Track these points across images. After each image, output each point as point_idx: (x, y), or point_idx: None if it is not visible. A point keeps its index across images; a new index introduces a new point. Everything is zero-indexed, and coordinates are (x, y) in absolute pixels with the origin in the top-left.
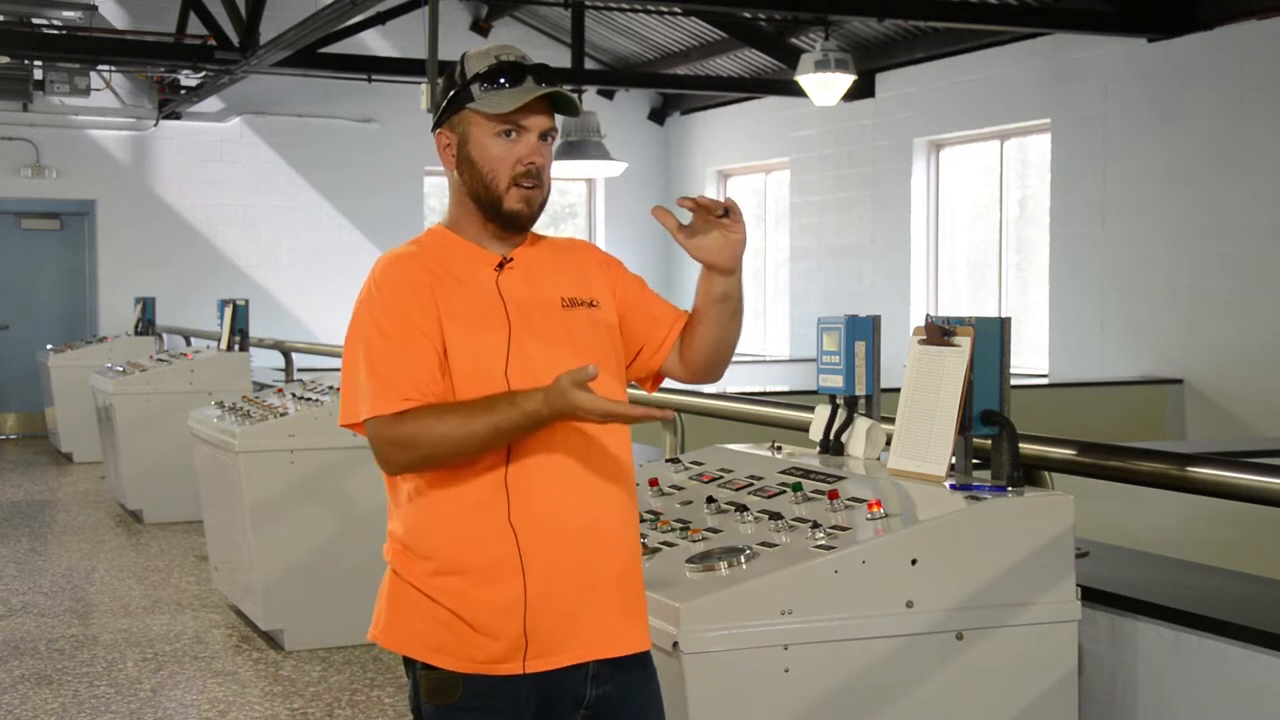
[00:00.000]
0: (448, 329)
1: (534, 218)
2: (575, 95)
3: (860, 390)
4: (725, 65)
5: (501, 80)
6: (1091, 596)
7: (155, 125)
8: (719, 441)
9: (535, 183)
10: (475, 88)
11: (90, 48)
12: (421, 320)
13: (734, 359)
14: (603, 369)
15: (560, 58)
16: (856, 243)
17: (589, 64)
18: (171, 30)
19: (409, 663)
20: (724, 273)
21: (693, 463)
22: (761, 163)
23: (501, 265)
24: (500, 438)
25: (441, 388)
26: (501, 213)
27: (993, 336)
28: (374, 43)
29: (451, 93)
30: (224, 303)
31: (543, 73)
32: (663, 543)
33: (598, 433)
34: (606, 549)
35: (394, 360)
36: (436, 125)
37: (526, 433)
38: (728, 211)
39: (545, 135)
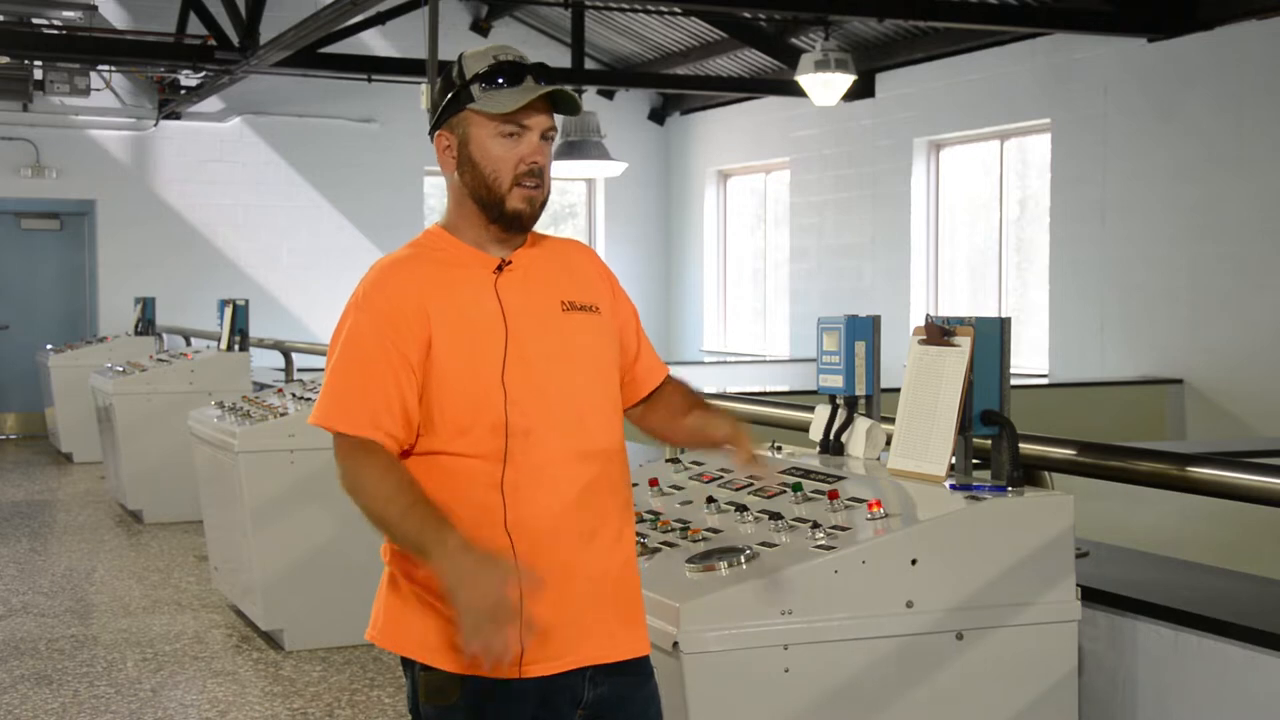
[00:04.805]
0: (440, 337)
1: (535, 217)
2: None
3: (860, 390)
4: (725, 65)
5: (501, 80)
6: (1091, 596)
7: (155, 125)
8: None
9: (537, 182)
10: (475, 88)
11: (90, 48)
12: (402, 340)
13: (734, 359)
14: (599, 376)
15: (560, 58)
16: (856, 243)
17: (589, 64)
18: (171, 30)
19: (407, 663)
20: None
21: (693, 463)
22: (761, 163)
23: (500, 268)
24: (400, 537)
25: (403, 417)
26: (504, 213)
27: (993, 336)
28: (374, 43)
29: (450, 94)
30: (224, 303)
31: (541, 71)
32: (663, 543)
33: (594, 436)
34: (603, 554)
35: (347, 380)
36: (435, 127)
37: (415, 550)
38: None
39: (546, 135)
